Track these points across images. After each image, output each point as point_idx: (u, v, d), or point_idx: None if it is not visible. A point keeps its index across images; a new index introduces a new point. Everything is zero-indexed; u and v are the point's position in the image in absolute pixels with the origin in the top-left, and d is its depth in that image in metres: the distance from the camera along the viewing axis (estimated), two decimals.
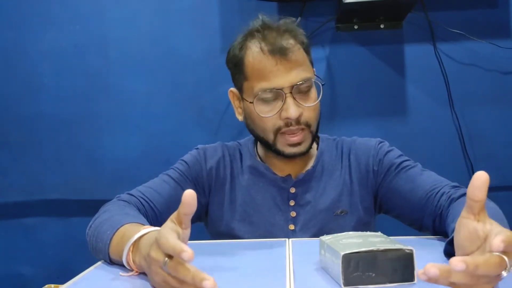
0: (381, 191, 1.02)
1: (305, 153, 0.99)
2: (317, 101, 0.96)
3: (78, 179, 1.69)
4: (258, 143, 1.09)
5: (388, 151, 1.03)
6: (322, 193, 1.02)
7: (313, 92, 0.97)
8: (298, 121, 0.95)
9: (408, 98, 1.64)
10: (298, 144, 0.96)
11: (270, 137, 0.97)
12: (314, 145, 1.09)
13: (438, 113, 1.62)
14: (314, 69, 1.02)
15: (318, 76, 1.00)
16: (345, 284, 0.58)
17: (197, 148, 1.09)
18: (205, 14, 1.66)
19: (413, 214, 0.97)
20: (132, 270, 0.69)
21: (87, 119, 1.69)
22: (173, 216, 0.61)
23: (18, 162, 1.71)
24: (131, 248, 0.69)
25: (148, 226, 0.74)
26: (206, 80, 1.66)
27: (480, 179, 0.55)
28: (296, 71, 0.93)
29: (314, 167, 1.03)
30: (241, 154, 1.08)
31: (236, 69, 0.99)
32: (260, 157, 1.07)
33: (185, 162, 1.05)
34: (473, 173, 1.59)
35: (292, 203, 1.01)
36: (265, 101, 0.95)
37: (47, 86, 1.69)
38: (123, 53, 1.68)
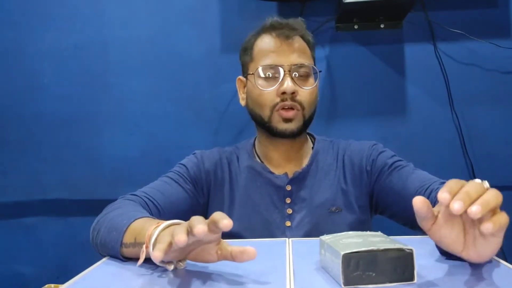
0: (375, 190, 1.06)
1: (296, 135, 1.04)
2: (313, 86, 1.04)
3: (78, 178, 1.69)
4: (257, 142, 1.13)
5: (381, 152, 1.07)
6: (317, 191, 1.05)
7: (311, 79, 1.05)
8: (293, 98, 1.01)
9: (408, 98, 1.64)
10: (290, 120, 1.02)
11: (266, 113, 1.03)
12: (310, 144, 1.14)
13: (438, 113, 1.62)
14: (319, 70, 1.08)
15: (317, 70, 1.06)
16: (345, 284, 0.58)
17: (194, 153, 1.13)
18: (205, 14, 1.66)
19: (405, 212, 0.98)
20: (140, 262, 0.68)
21: (87, 119, 1.69)
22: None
23: (18, 161, 1.71)
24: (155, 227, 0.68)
25: None
26: (206, 80, 1.66)
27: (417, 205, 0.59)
28: (297, 55, 1.03)
29: (309, 165, 1.08)
30: (238, 157, 1.12)
31: (245, 53, 1.10)
32: (258, 157, 1.11)
33: (183, 165, 1.09)
34: (473, 173, 1.61)
35: (288, 200, 1.05)
36: (265, 76, 1.03)
37: (47, 85, 1.69)
38: (123, 53, 1.68)
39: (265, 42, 1.05)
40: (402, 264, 0.59)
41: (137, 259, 0.69)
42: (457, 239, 0.62)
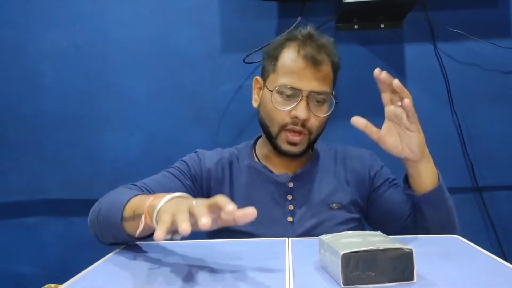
0: (371, 197, 1.13)
1: (299, 156, 1.08)
2: (326, 114, 1.06)
3: (78, 178, 1.69)
4: (257, 145, 1.17)
5: (382, 166, 1.15)
6: (318, 188, 1.09)
7: (326, 106, 1.07)
8: (303, 124, 1.04)
9: None
10: (295, 144, 1.05)
11: (275, 129, 1.06)
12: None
13: (438, 113, 1.62)
14: (336, 102, 1.11)
15: (334, 97, 1.09)
16: (344, 284, 0.59)
17: (195, 152, 1.15)
18: (205, 14, 1.65)
19: (387, 221, 1.10)
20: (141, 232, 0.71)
21: (88, 119, 1.69)
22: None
23: (18, 161, 1.71)
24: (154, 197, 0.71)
25: None
26: (206, 80, 1.66)
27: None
28: (318, 82, 1.03)
29: (310, 165, 1.12)
30: (238, 158, 1.14)
31: (269, 60, 1.08)
32: (258, 158, 1.14)
33: (184, 161, 1.11)
34: (473, 173, 1.60)
35: (289, 197, 1.08)
36: (282, 95, 1.04)
37: (48, 85, 1.69)
38: (123, 53, 1.68)
39: (291, 59, 1.04)
40: (402, 264, 0.59)
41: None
42: (397, 144, 0.94)
